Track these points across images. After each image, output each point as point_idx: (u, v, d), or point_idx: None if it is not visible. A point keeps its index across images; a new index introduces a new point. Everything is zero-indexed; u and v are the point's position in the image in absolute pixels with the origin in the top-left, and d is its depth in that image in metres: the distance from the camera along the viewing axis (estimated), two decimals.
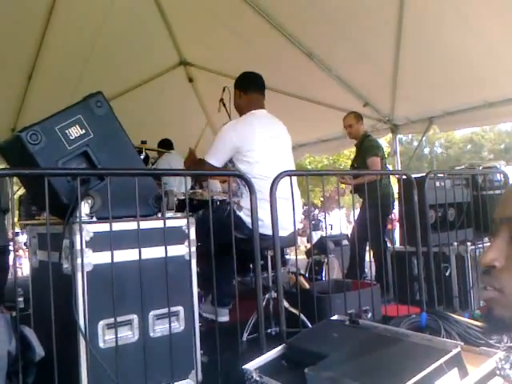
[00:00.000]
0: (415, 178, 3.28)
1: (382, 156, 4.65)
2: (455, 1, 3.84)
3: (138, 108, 6.10)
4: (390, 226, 5.54)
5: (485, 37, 4.06)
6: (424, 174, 3.44)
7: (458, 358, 1.61)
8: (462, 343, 1.73)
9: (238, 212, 2.90)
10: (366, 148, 4.69)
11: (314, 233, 8.03)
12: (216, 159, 2.99)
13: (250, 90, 3.20)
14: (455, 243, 3.74)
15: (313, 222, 10.36)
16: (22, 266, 7.70)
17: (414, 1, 4.00)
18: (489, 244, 0.82)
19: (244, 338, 2.77)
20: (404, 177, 3.51)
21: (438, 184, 3.71)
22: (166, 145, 5.44)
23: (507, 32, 3.92)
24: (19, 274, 6.93)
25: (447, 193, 3.61)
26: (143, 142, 4.30)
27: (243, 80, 3.26)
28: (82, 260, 1.95)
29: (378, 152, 4.61)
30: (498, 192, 4.02)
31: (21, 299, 3.16)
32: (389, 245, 4.62)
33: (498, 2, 3.72)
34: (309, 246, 5.56)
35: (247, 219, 2.77)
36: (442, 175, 3.93)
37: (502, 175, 4.20)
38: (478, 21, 3.96)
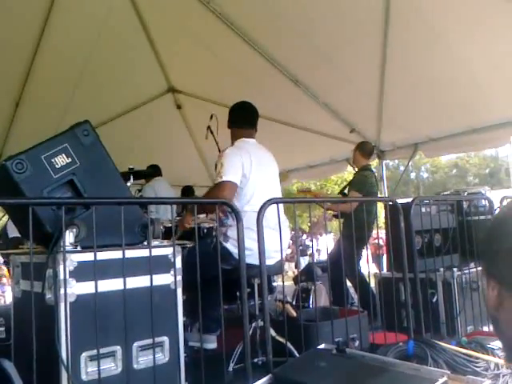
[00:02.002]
0: (401, 203, 3.30)
1: (365, 193, 4.52)
2: (439, 29, 3.94)
3: (126, 134, 6.12)
4: (377, 252, 5.55)
5: (468, 64, 4.16)
6: (410, 200, 3.47)
7: None
8: (449, 372, 1.73)
9: (224, 243, 2.86)
10: (354, 181, 4.75)
11: (301, 258, 7.99)
12: (232, 176, 2.88)
13: (236, 124, 3.19)
14: (441, 269, 3.74)
15: (300, 248, 10.33)
16: (5, 293, 7.54)
17: (398, 28, 4.10)
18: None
19: (230, 368, 2.72)
20: (390, 203, 3.53)
21: (423, 210, 3.74)
22: (153, 171, 5.42)
23: (490, 59, 4.02)
24: (2, 302, 6.79)
25: (433, 218, 3.63)
26: (131, 169, 4.29)
27: (231, 113, 3.24)
28: (65, 290, 1.92)
29: (361, 188, 4.55)
30: (482, 217, 4.05)
31: (2, 329, 3.08)
32: (376, 270, 4.62)
33: (481, 31, 3.83)
34: (297, 271, 5.53)
35: (234, 250, 2.72)
36: (427, 201, 3.96)
37: (486, 201, 4.24)
38: (461, 48, 4.07)
